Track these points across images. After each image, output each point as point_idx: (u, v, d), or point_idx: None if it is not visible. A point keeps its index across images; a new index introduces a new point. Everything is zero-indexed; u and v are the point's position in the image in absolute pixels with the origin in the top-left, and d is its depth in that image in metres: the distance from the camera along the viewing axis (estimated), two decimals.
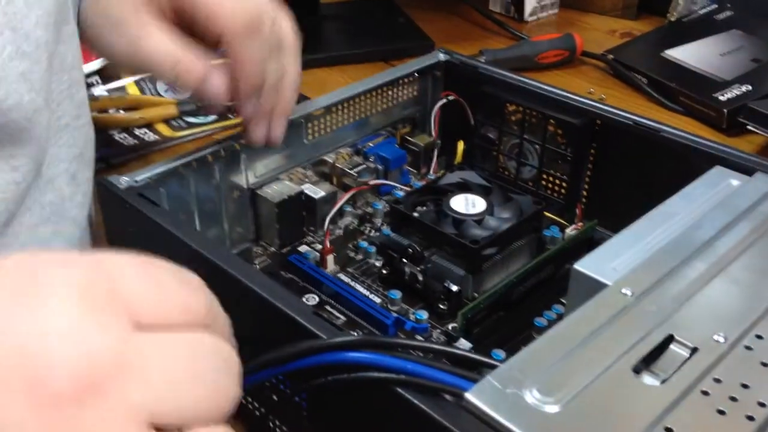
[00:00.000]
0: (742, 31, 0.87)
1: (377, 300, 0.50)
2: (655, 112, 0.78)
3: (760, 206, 0.43)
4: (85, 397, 0.21)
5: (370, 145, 0.61)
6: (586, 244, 0.52)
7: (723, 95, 0.75)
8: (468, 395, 0.30)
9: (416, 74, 0.63)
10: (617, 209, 0.50)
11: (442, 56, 0.63)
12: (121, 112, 0.74)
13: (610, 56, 0.86)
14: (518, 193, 0.53)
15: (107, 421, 0.21)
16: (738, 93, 0.75)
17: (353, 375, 0.31)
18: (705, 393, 0.31)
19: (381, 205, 0.58)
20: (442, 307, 0.48)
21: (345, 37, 0.95)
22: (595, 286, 0.38)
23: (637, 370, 0.32)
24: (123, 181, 0.43)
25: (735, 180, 0.47)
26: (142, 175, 0.44)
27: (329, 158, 0.59)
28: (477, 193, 0.52)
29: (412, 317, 0.48)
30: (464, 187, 0.53)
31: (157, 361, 0.23)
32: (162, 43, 0.41)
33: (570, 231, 0.55)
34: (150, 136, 0.71)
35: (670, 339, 0.34)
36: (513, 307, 0.47)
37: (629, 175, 0.54)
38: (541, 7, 1.02)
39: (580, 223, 0.56)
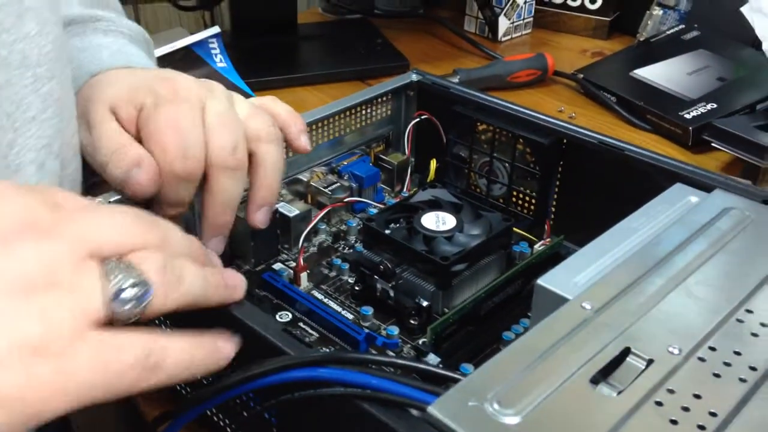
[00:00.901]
0: (708, 50, 0.90)
1: (350, 316, 0.51)
2: (624, 129, 0.80)
3: (717, 222, 0.45)
4: (27, 235, 0.29)
5: (344, 163, 0.62)
6: (553, 259, 0.54)
7: (689, 113, 0.77)
8: (430, 409, 0.31)
9: (390, 94, 0.64)
10: (584, 225, 0.51)
11: (414, 77, 0.65)
12: None
13: (581, 76, 0.88)
14: (488, 210, 0.55)
15: (50, 253, 0.29)
16: (703, 111, 0.78)
17: (319, 391, 0.32)
18: (659, 403, 0.32)
19: (355, 223, 0.59)
20: (412, 322, 0.49)
21: (322, 57, 0.97)
22: (557, 301, 0.40)
23: (595, 381, 0.34)
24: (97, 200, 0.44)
25: (694, 197, 0.48)
26: (114, 197, 0.45)
27: (304, 177, 0.60)
28: (448, 210, 0.53)
29: (383, 333, 0.49)
30: (435, 205, 0.54)
31: (96, 212, 0.31)
32: (113, 129, 0.44)
33: (538, 247, 0.56)
34: None
35: (626, 351, 0.35)
36: (482, 322, 0.49)
37: (596, 192, 0.56)
38: (515, 27, 1.05)
39: (548, 239, 0.57)
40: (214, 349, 0.33)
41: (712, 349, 0.35)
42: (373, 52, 0.95)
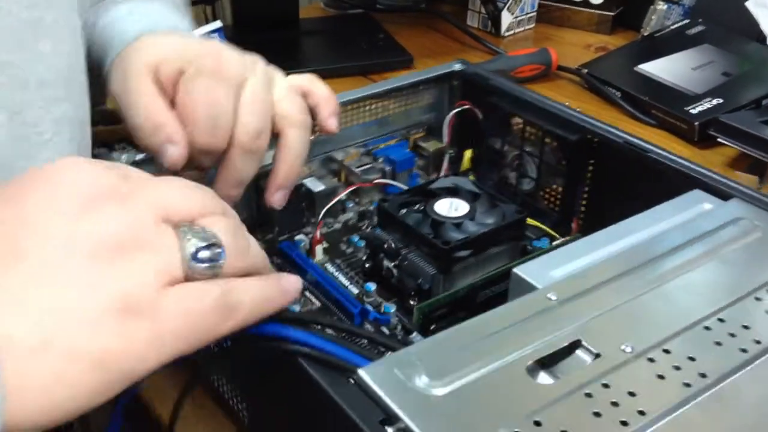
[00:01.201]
0: (713, 45, 0.88)
1: (354, 291, 0.52)
2: (629, 125, 0.80)
3: (721, 231, 0.43)
4: (108, 200, 0.30)
5: (381, 146, 0.64)
6: None
7: (694, 108, 0.76)
8: (360, 371, 0.32)
9: (432, 82, 0.65)
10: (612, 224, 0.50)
11: (458, 66, 0.65)
12: None
13: (585, 70, 0.87)
14: (504, 201, 0.55)
15: (131, 216, 0.30)
16: (709, 106, 0.76)
17: (259, 344, 0.34)
18: (588, 395, 0.32)
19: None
20: (411, 303, 0.50)
21: (325, 52, 0.97)
22: (529, 290, 0.40)
23: (533, 368, 0.34)
24: (123, 158, 0.48)
25: (708, 204, 0.47)
26: (141, 155, 0.49)
27: (338, 155, 0.62)
28: (464, 198, 0.54)
29: (381, 309, 0.50)
30: (453, 192, 0.55)
31: (164, 182, 0.32)
32: (151, 94, 0.44)
33: (556, 243, 0.56)
34: None
35: (576, 344, 0.35)
36: (478, 309, 0.49)
37: (623, 192, 0.55)
38: (518, 22, 1.03)
39: (567, 237, 0.57)
40: (282, 287, 0.35)
41: (666, 351, 0.35)
42: (376, 47, 0.95)
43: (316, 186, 0.58)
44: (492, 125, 0.62)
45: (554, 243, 0.56)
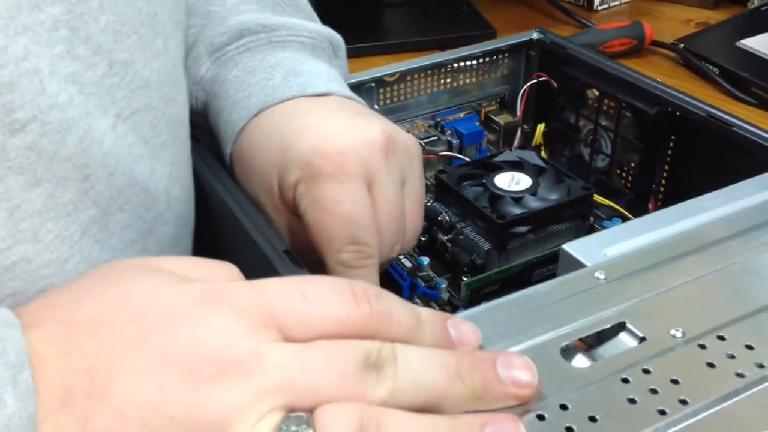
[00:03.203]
0: None
1: (408, 264, 0.51)
2: (727, 103, 0.73)
3: None
4: (222, 378, 0.24)
5: (450, 118, 0.62)
6: None
7: None
8: None
9: (507, 52, 0.63)
10: None
11: (536, 35, 0.62)
12: None
13: (681, 45, 0.81)
14: (572, 177, 0.52)
15: (240, 400, 0.24)
16: None
17: None
18: (625, 380, 0.29)
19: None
20: (464, 279, 0.48)
21: (406, 25, 0.94)
22: (578, 268, 0.37)
23: (570, 350, 0.31)
24: None
25: None
26: None
27: (404, 127, 0.61)
28: (528, 172, 0.51)
29: (433, 284, 0.48)
30: (517, 166, 0.52)
31: (294, 359, 0.25)
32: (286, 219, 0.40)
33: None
34: None
35: (621, 326, 0.32)
36: None
37: (707, 170, 0.51)
38: None
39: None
40: None
41: (721, 338, 0.31)
42: (458, 19, 0.91)
43: None
44: (567, 97, 0.59)
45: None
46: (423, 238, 0.52)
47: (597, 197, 0.54)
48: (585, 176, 0.58)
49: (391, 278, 0.48)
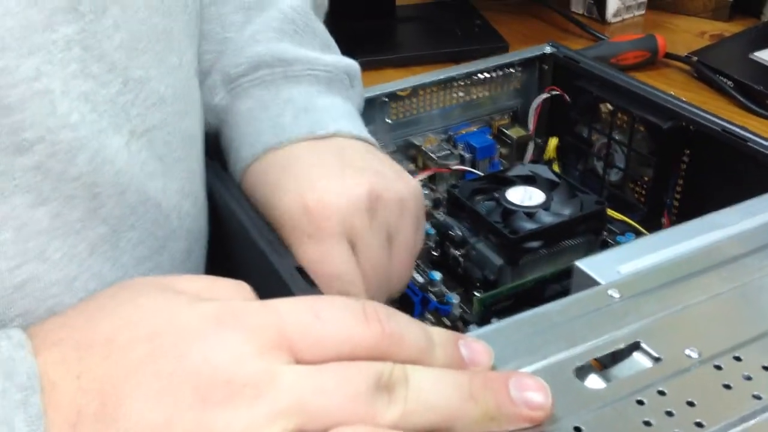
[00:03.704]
0: None
1: (420, 279, 0.51)
2: (741, 116, 0.73)
3: None
4: (233, 400, 0.24)
5: (462, 132, 0.62)
6: None
7: None
8: None
9: (520, 65, 0.62)
10: None
11: (549, 49, 0.62)
12: None
13: (695, 58, 0.81)
14: (584, 192, 0.51)
15: (251, 422, 0.24)
16: None
17: None
18: (640, 402, 0.29)
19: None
20: (476, 294, 0.48)
21: (419, 38, 0.94)
22: (591, 285, 0.37)
23: (584, 370, 0.31)
24: None
25: None
26: None
27: (417, 141, 0.61)
28: (541, 186, 0.51)
29: (443, 299, 0.48)
30: (530, 180, 0.52)
31: (306, 381, 0.25)
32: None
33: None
34: None
35: (635, 346, 0.32)
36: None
37: (722, 185, 0.50)
38: (626, 7, 0.96)
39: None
40: None
41: (737, 359, 0.31)
42: (471, 33, 0.91)
43: None
44: (580, 111, 0.59)
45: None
46: (435, 253, 0.52)
47: (610, 212, 0.54)
48: (598, 190, 0.57)
49: (403, 294, 0.47)
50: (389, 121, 0.59)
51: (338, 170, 0.40)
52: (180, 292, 0.28)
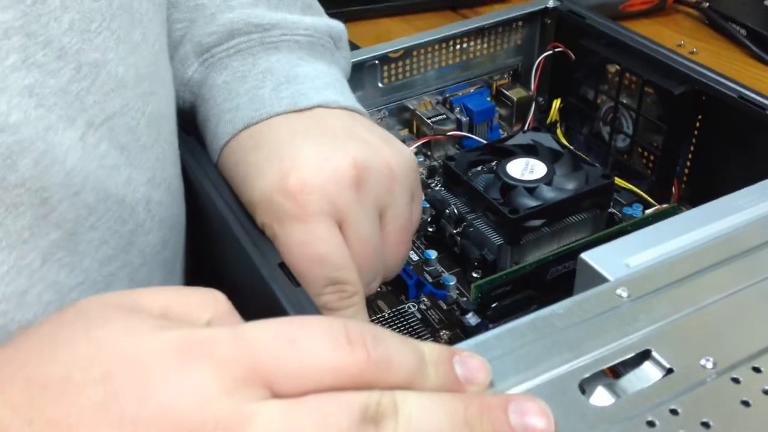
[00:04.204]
0: None
1: (414, 258, 0.48)
2: (754, 68, 0.69)
3: None
4: None
5: (459, 94, 0.58)
6: None
7: None
8: None
9: (521, 21, 0.58)
10: (722, 193, 0.40)
11: (552, 2, 0.58)
12: None
13: (705, 4, 0.77)
14: (590, 163, 0.48)
15: None
16: None
17: None
18: (651, 424, 0.26)
19: None
20: (474, 275, 0.45)
21: None
22: (597, 280, 0.34)
23: (589, 383, 0.28)
24: None
25: None
26: None
27: (411, 104, 0.57)
28: (543, 158, 0.48)
29: (441, 281, 0.45)
30: (531, 150, 0.49)
31: (282, 420, 0.22)
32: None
33: (650, 212, 0.49)
34: None
35: (646, 354, 0.29)
36: (547, 289, 0.43)
37: (737, 155, 0.47)
38: None
39: (665, 205, 0.49)
40: None
41: (756, 370, 0.28)
42: None
43: None
44: (585, 72, 0.55)
45: (648, 212, 0.49)
46: (431, 229, 0.49)
47: (617, 180, 0.51)
48: (604, 157, 0.54)
49: (397, 277, 0.45)
50: (381, 85, 0.55)
51: (319, 143, 0.37)
52: (143, 314, 0.25)
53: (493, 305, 0.42)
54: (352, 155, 0.36)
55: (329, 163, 0.35)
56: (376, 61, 0.54)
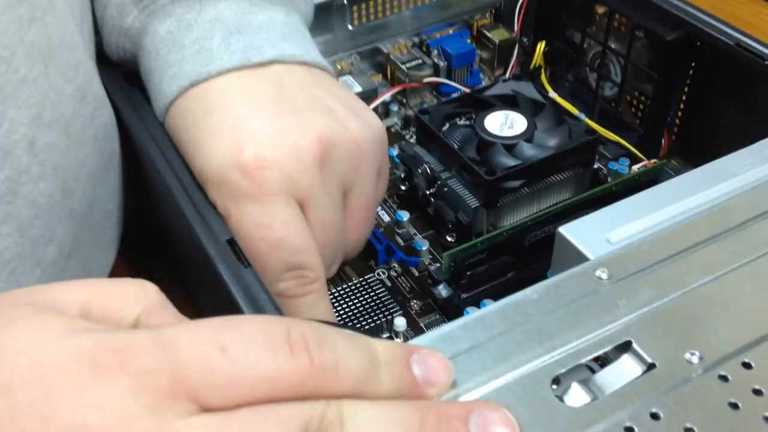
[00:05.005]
0: None
1: (386, 218, 0.45)
2: (754, 3, 0.64)
3: None
4: None
5: (437, 35, 0.54)
6: (647, 188, 0.43)
7: None
8: None
9: None
10: (713, 147, 0.39)
11: None
12: None
13: None
14: (574, 117, 0.45)
15: None
16: None
17: None
18: (629, 430, 0.24)
19: None
20: (449, 239, 0.42)
21: None
22: (576, 257, 0.32)
23: (563, 381, 0.26)
24: None
25: None
26: None
27: (385, 48, 0.53)
28: (523, 110, 0.44)
29: (412, 244, 0.43)
30: (511, 102, 0.45)
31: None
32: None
33: (637, 168, 0.46)
34: None
35: (626, 346, 0.27)
36: (527, 254, 0.41)
37: (732, 106, 0.44)
38: None
39: (653, 161, 0.46)
40: None
41: (746, 366, 0.26)
42: None
43: (354, 86, 0.50)
44: (571, 12, 0.51)
45: (635, 168, 0.46)
46: (403, 187, 0.46)
47: (603, 131, 0.48)
48: (590, 106, 0.51)
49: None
50: (351, 27, 0.51)
51: (278, 111, 0.33)
52: (57, 314, 0.22)
53: (468, 273, 0.39)
54: (316, 129, 0.33)
55: (290, 137, 0.32)
56: (344, 1, 0.49)
